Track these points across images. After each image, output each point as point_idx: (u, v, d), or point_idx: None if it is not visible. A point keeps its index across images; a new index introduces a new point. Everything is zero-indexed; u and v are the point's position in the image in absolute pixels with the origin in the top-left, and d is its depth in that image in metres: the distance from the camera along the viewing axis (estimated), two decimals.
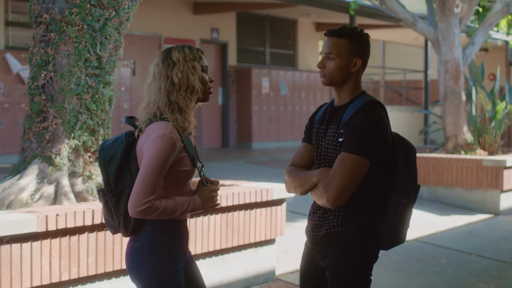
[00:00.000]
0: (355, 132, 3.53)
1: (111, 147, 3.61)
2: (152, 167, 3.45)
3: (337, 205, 3.57)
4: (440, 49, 13.63)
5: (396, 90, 27.89)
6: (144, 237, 3.58)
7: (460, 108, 13.54)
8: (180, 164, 3.56)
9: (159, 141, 3.46)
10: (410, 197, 3.62)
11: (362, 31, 3.69)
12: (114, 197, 3.58)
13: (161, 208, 3.47)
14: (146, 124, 3.59)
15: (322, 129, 3.73)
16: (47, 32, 6.56)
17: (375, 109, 3.62)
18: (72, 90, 6.48)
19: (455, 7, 13.40)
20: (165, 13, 17.69)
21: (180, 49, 3.64)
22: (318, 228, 3.69)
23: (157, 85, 3.61)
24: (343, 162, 3.51)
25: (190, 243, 6.35)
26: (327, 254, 3.68)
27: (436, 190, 12.64)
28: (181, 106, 3.59)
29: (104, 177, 3.60)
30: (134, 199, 3.45)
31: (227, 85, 19.45)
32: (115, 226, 3.66)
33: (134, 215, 3.48)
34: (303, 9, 19.55)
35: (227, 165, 14.41)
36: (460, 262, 8.47)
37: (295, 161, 3.83)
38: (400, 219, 3.61)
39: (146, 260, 3.58)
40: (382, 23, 21.27)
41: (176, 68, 3.59)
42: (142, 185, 3.44)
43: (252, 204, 6.89)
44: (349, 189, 3.53)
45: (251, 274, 7.01)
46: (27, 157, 6.57)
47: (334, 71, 3.64)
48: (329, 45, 3.66)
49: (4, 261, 4.99)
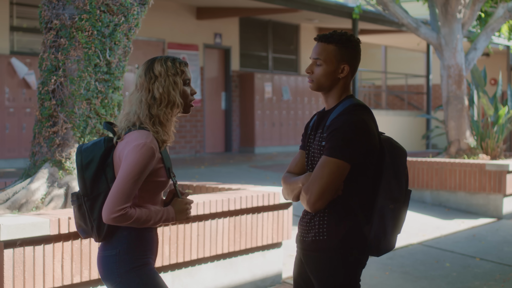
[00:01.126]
0: (334, 135, 3.48)
1: (89, 151, 3.58)
2: (130, 175, 3.45)
3: (316, 209, 3.51)
4: (442, 54, 13.70)
5: (398, 95, 27.95)
6: (121, 243, 3.57)
7: (463, 113, 13.61)
8: (157, 174, 3.56)
9: (139, 150, 3.46)
10: (398, 202, 3.53)
11: (352, 37, 3.64)
12: (89, 202, 3.56)
13: (135, 217, 3.47)
14: (126, 131, 3.60)
15: (312, 135, 3.71)
16: (57, 37, 6.63)
17: (358, 111, 3.55)
18: (82, 95, 6.56)
19: (457, 13, 13.48)
20: (169, 18, 17.77)
21: (163, 62, 3.63)
22: (306, 234, 3.64)
23: (138, 97, 3.61)
24: (322, 165, 3.47)
25: (198, 246, 6.42)
26: (313, 261, 3.61)
27: (439, 194, 12.70)
28: (161, 120, 3.60)
29: (80, 181, 3.57)
30: (109, 206, 3.44)
31: (230, 90, 19.52)
32: (87, 231, 3.63)
33: (108, 221, 3.46)
34: (306, 14, 19.63)
35: (231, 169, 14.47)
36: (464, 265, 8.54)
37: (290, 168, 3.82)
38: (388, 225, 3.51)
39: (126, 265, 3.56)
40: (384, 28, 21.34)
41: (157, 82, 3.59)
42: (118, 192, 3.44)
43: (260, 208, 6.95)
44: (328, 192, 3.47)
45: (258, 277, 7.08)
46: (37, 161, 6.64)
47: (321, 76, 3.61)
48: (317, 50, 3.63)
49: (17, 264, 5.06)
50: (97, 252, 5.49)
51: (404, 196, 3.58)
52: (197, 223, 6.38)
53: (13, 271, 5.03)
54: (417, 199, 12.84)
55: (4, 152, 14.06)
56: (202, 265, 6.54)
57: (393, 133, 21.99)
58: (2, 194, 6.35)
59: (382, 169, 3.55)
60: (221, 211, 6.55)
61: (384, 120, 22.18)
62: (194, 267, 6.47)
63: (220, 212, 6.58)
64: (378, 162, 3.56)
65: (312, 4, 17.76)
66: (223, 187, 7.52)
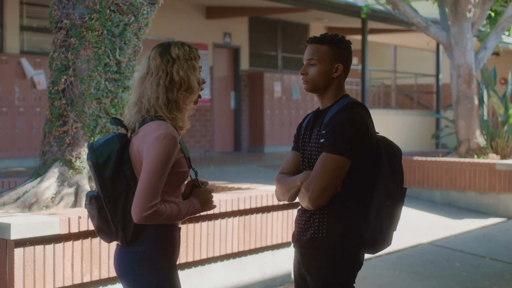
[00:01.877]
0: (334, 132, 3.50)
1: (104, 148, 3.36)
2: (156, 168, 3.25)
3: (318, 205, 3.52)
4: (452, 53, 13.67)
5: (407, 94, 27.90)
6: (148, 240, 3.37)
7: (473, 112, 13.58)
8: (179, 165, 3.38)
9: (161, 141, 3.27)
10: (394, 199, 3.55)
11: (343, 38, 3.70)
12: (111, 203, 3.34)
13: (166, 213, 3.29)
14: (139, 123, 3.41)
15: (307, 134, 3.72)
16: (67, 37, 6.65)
17: (356, 109, 3.59)
18: (92, 94, 6.57)
19: (467, 12, 13.45)
20: (178, 17, 17.78)
21: (179, 45, 3.47)
22: (303, 232, 3.63)
23: (154, 80, 3.41)
24: (323, 162, 3.49)
25: (208, 245, 6.43)
26: (311, 259, 3.62)
27: (449, 194, 12.68)
28: (180, 105, 3.43)
29: (98, 182, 3.35)
30: (140, 203, 3.24)
31: (240, 89, 19.52)
32: (111, 235, 3.43)
33: (140, 221, 3.26)
34: (315, 14, 19.61)
35: (240, 169, 14.47)
36: (474, 265, 8.52)
37: (283, 169, 3.80)
38: (384, 222, 3.54)
39: (149, 265, 3.37)
40: (393, 28, 21.31)
41: (176, 65, 3.41)
42: (146, 188, 3.25)
43: (269, 207, 6.96)
44: (330, 188, 3.49)
45: (268, 276, 7.08)
46: (47, 160, 6.66)
47: (316, 76, 3.64)
48: (310, 51, 3.67)
49: (27, 263, 5.07)
50: (107, 251, 5.52)
51: (400, 193, 3.61)
52: (206, 222, 6.39)
53: (24, 270, 5.05)
54: (427, 199, 12.83)
55: (15, 151, 14.10)
56: (212, 264, 6.55)
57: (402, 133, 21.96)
58: (12, 193, 6.37)
59: (379, 166, 3.59)
60: (231, 210, 6.56)
61: (393, 120, 22.14)
62: (204, 266, 6.48)
63: (230, 212, 6.59)
64: (375, 160, 3.59)
65: (321, 4, 17.75)
66: (232, 187, 7.53)
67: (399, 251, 9.11)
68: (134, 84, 3.50)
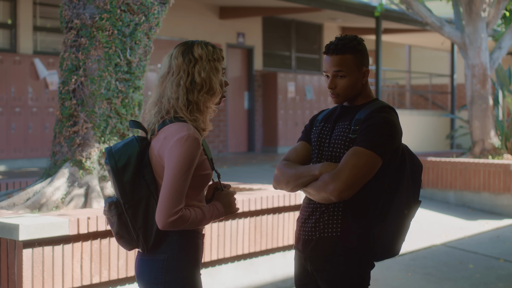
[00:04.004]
0: (372, 129, 3.40)
1: (123, 152, 3.23)
2: (180, 172, 3.11)
3: (343, 198, 3.36)
4: (467, 53, 13.58)
5: (422, 95, 27.77)
6: (171, 248, 3.22)
7: (487, 113, 13.48)
8: (202, 167, 3.24)
9: (184, 143, 3.13)
10: (411, 209, 3.49)
11: (358, 39, 3.58)
12: (131, 209, 3.20)
13: (190, 218, 3.16)
14: (159, 125, 3.27)
15: (327, 127, 3.60)
16: (78, 37, 6.63)
17: (393, 112, 3.53)
18: (102, 94, 6.55)
19: (482, 11, 13.35)
20: (191, 17, 17.77)
21: (203, 45, 3.32)
22: (313, 234, 3.49)
23: (175, 80, 3.27)
24: (357, 155, 3.36)
25: (218, 246, 6.39)
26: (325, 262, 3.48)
27: (463, 195, 12.59)
28: (200, 107, 3.29)
29: (118, 187, 3.21)
30: (164, 209, 3.10)
31: (253, 89, 19.49)
32: (132, 242, 3.28)
33: (165, 227, 3.12)
34: (329, 14, 19.55)
35: (253, 169, 14.43)
36: (488, 267, 8.44)
37: (289, 156, 3.65)
38: (398, 230, 3.46)
39: (173, 273, 3.22)
40: (408, 27, 21.22)
41: (198, 66, 3.27)
42: (170, 193, 3.11)
43: (280, 208, 6.91)
44: (358, 183, 3.35)
45: (279, 277, 7.04)
46: (57, 160, 6.65)
47: (347, 88, 3.53)
48: (335, 63, 3.52)
49: (36, 264, 5.05)
50: (116, 252, 5.49)
51: (416, 204, 3.54)
52: (217, 223, 6.35)
53: (32, 271, 5.03)
54: (441, 200, 12.74)
55: (28, 151, 14.12)
56: (223, 265, 6.51)
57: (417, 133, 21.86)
58: (22, 193, 6.36)
59: (402, 173, 3.50)
60: (242, 211, 6.52)
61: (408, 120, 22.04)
62: (214, 267, 6.44)
63: (241, 213, 6.55)
64: (399, 165, 3.51)
65: (335, 3, 17.69)
66: (244, 187, 7.49)
67: (412, 253, 9.04)
68: (155, 83, 3.37)
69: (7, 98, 13.83)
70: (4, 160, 13.81)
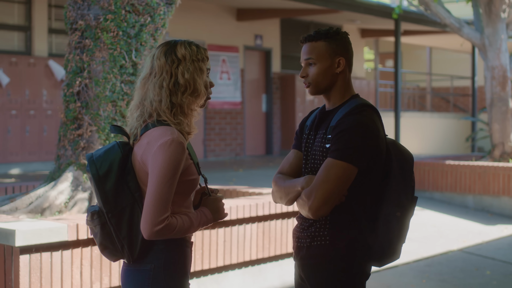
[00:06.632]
0: (341, 137, 3.20)
1: (104, 159, 3.07)
2: (165, 178, 2.98)
3: (320, 215, 3.21)
4: (486, 55, 13.38)
5: (443, 97, 27.52)
6: (158, 258, 3.09)
7: (507, 115, 13.28)
8: (188, 172, 3.10)
9: (168, 147, 2.99)
10: (404, 209, 3.29)
11: (338, 30, 3.39)
12: (115, 218, 3.05)
13: (177, 226, 3.02)
14: (142, 129, 3.13)
15: (312, 136, 3.43)
16: (82, 38, 6.52)
17: (366, 112, 3.29)
18: (107, 97, 6.43)
19: (501, 12, 13.15)
20: (209, 20, 17.66)
21: (186, 45, 3.17)
22: (304, 242, 3.34)
23: (157, 82, 3.13)
24: (327, 168, 3.18)
25: (225, 252, 6.24)
26: (314, 271, 3.32)
27: (482, 199, 12.36)
28: (184, 109, 3.15)
29: (100, 196, 3.06)
30: (150, 218, 2.96)
31: (271, 92, 19.35)
32: (116, 252, 3.12)
33: (151, 237, 2.99)
34: (348, 15, 19.39)
35: (270, 172, 14.28)
36: (505, 273, 8.24)
37: (283, 169, 3.50)
38: (394, 233, 3.27)
39: (161, 284, 3.09)
40: (428, 29, 21.00)
41: (181, 66, 3.13)
42: (155, 200, 2.97)
43: (290, 213, 6.76)
44: (333, 198, 3.18)
45: (288, 284, 6.88)
46: (61, 164, 6.54)
47: (318, 76, 3.36)
48: (306, 50, 3.38)
49: (33, 270, 4.93)
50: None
51: (411, 203, 3.34)
52: (223, 228, 6.21)
53: (30, 278, 4.91)
54: (459, 204, 12.53)
55: (42, 154, 14.08)
56: (230, 272, 6.36)
57: (438, 136, 21.63)
58: (25, 198, 6.25)
59: (389, 174, 3.31)
60: (249, 216, 6.37)
61: (428, 123, 21.80)
62: (221, 274, 6.29)
63: (248, 218, 6.41)
64: (384, 167, 3.31)
65: (353, 5, 17.52)
66: (253, 192, 7.35)
67: (428, 258, 8.85)
68: (137, 85, 3.21)
69: (21, 101, 13.79)
70: (18, 163, 13.77)
